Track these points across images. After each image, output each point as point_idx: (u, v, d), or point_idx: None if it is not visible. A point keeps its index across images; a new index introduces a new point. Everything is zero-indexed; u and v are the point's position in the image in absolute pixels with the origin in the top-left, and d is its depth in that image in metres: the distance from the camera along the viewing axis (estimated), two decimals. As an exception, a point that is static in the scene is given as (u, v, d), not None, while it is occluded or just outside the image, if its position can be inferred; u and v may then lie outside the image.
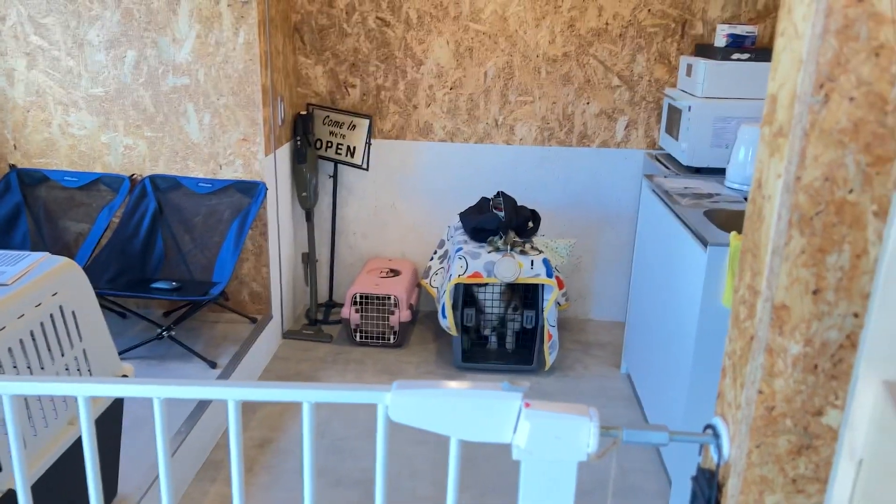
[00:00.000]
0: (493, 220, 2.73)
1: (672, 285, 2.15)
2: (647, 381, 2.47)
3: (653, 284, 2.43)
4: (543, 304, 2.66)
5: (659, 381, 2.29)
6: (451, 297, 2.67)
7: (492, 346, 2.88)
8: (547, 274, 2.61)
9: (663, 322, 2.25)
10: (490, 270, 2.62)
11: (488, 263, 2.63)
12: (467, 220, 2.84)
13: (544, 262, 2.62)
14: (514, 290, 2.80)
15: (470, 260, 2.65)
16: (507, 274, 2.59)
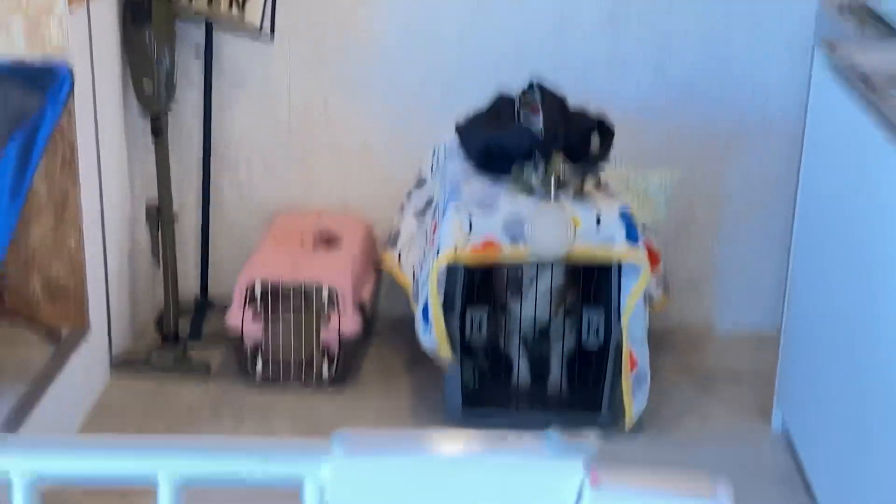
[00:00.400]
0: (521, 135, 2.75)
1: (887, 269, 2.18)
2: (825, 446, 2.52)
3: (841, 266, 2.46)
4: (622, 299, 2.68)
5: (852, 449, 2.34)
6: (439, 288, 2.69)
7: (520, 380, 2.92)
8: (629, 238, 2.63)
9: (866, 337, 2.29)
10: (517, 234, 2.63)
11: (513, 220, 2.64)
12: (472, 137, 2.86)
13: (623, 215, 2.64)
14: (565, 275, 2.81)
15: (477, 214, 2.65)
16: (551, 241, 2.61)
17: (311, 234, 3.16)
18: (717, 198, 3.30)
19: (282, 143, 3.30)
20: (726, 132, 3.23)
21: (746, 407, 2.99)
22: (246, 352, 2.96)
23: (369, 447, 0.85)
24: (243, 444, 0.90)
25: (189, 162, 3.30)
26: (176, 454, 0.85)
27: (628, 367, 2.70)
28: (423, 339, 2.78)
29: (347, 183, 3.33)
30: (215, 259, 3.37)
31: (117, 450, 0.89)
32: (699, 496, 0.82)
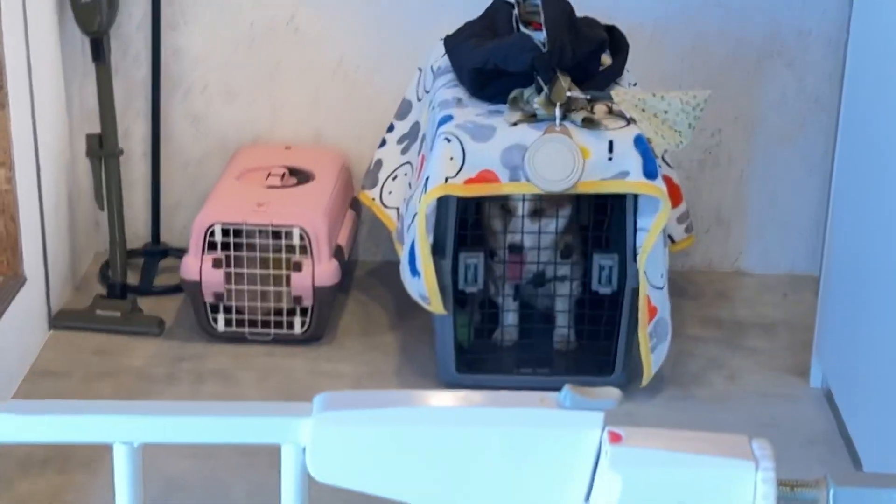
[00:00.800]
0: (520, 50, 2.73)
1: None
2: (870, 403, 2.54)
3: (891, 199, 2.47)
4: (637, 239, 2.69)
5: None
6: (428, 227, 2.69)
7: (506, 337, 2.94)
8: (646, 171, 2.64)
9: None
10: (517, 165, 2.64)
11: (512, 149, 2.64)
12: (464, 54, 2.85)
13: (638, 143, 2.64)
14: (572, 210, 2.83)
15: (471, 143, 2.66)
16: (556, 172, 2.61)
17: (279, 170, 3.15)
18: (747, 122, 3.30)
19: (243, 63, 3.28)
20: (757, 45, 3.23)
21: (781, 361, 3.00)
22: (205, 304, 2.96)
23: (348, 407, 0.86)
24: (216, 406, 0.92)
25: (136, 88, 3.29)
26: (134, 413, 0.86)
27: (646, 316, 2.70)
28: (409, 287, 2.79)
29: (319, 110, 3.32)
30: (168, 199, 3.37)
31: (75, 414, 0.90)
32: (734, 456, 0.83)
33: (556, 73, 2.68)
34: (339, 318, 3.14)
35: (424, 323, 3.04)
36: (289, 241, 2.92)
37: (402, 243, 2.87)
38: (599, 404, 0.84)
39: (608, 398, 0.84)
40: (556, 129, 2.62)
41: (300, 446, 0.87)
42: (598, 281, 2.77)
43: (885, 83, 2.49)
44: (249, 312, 2.99)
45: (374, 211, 3.13)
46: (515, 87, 2.71)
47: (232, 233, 2.92)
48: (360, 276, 3.37)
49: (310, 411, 0.87)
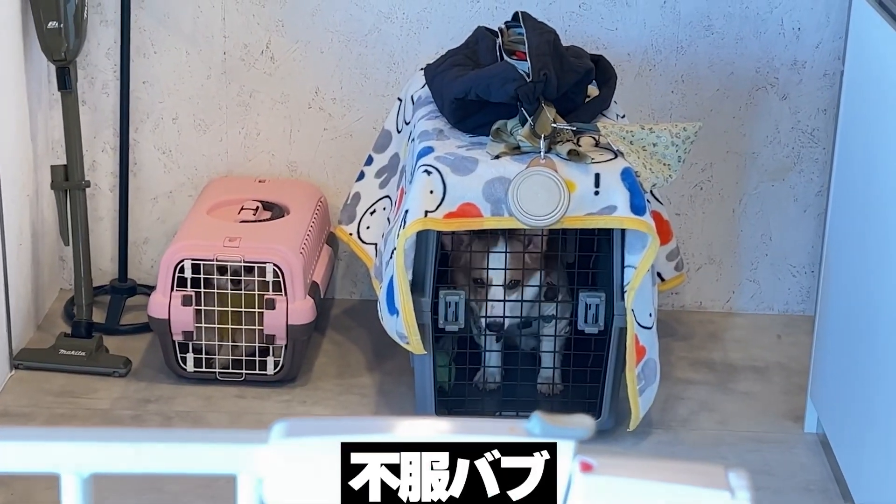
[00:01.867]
0: (504, 78, 2.73)
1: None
2: (868, 450, 2.54)
3: (889, 238, 2.47)
4: (625, 277, 2.70)
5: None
6: (407, 263, 2.69)
7: (487, 378, 2.94)
8: (633, 206, 2.65)
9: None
10: (499, 199, 2.64)
11: (495, 182, 2.65)
12: (445, 83, 2.85)
13: (626, 177, 2.65)
14: (556, 247, 2.83)
15: (451, 175, 2.66)
16: (540, 207, 2.62)
17: (252, 203, 3.16)
18: (739, 156, 3.31)
19: (215, 94, 3.29)
20: (750, 77, 3.24)
21: (775, 405, 3.01)
22: (174, 344, 2.96)
23: (305, 433, 0.85)
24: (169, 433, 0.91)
25: (103, 118, 3.30)
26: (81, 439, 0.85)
27: (633, 357, 2.70)
28: (387, 325, 2.79)
29: (295, 142, 3.33)
30: (136, 234, 3.37)
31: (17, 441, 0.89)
32: (710, 486, 0.83)
33: (540, 104, 2.69)
34: (314, 359, 3.14)
35: (403, 364, 3.04)
36: (262, 277, 2.92)
37: (380, 280, 2.87)
38: (571, 433, 0.83)
39: (580, 427, 0.83)
40: (540, 161, 2.63)
41: (257, 476, 0.85)
42: (584, 320, 2.77)
43: (880, 117, 2.50)
44: (220, 352, 2.99)
45: (352, 247, 3.13)
46: (498, 118, 2.72)
47: (202, 269, 2.92)
48: (337, 314, 3.36)
49: (267, 439, 0.86)
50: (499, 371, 2.94)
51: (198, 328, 2.94)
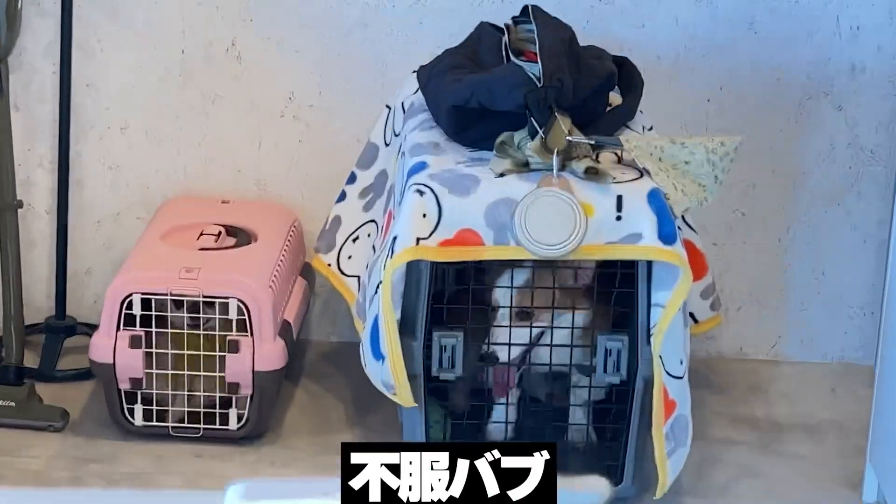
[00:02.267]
0: (511, 83, 2.73)
1: None
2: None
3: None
4: (652, 317, 2.68)
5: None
6: (395, 299, 2.68)
7: (501, 433, 2.91)
8: (662, 234, 2.64)
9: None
10: (504, 224, 2.63)
11: (499, 205, 2.64)
12: (441, 87, 2.85)
13: (653, 200, 2.64)
14: (570, 283, 2.79)
15: (448, 196, 2.66)
16: (552, 232, 2.61)
17: (213, 228, 3.14)
18: (787, 177, 3.30)
19: (172, 100, 3.29)
20: (800, 84, 3.23)
21: (828, 470, 2.98)
22: (119, 393, 2.94)
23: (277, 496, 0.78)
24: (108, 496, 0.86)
25: (40, 127, 3.29)
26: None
27: (661, 412, 2.68)
28: (372, 373, 2.77)
29: (264, 157, 3.32)
30: (77, 263, 3.36)
31: None
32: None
33: (553, 114, 2.67)
34: (286, 412, 3.12)
35: (390, 418, 3.02)
36: (224, 315, 2.91)
37: (363, 320, 2.86)
38: (585, 498, 0.77)
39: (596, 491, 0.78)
40: (552, 181, 2.62)
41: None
42: (604, 368, 2.75)
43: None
44: (174, 403, 2.97)
45: (330, 280, 3.11)
46: (503, 130, 2.71)
47: (154, 305, 2.91)
48: (312, 359, 3.36)
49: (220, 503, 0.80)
50: (508, 427, 2.89)
51: (148, 375, 2.93)
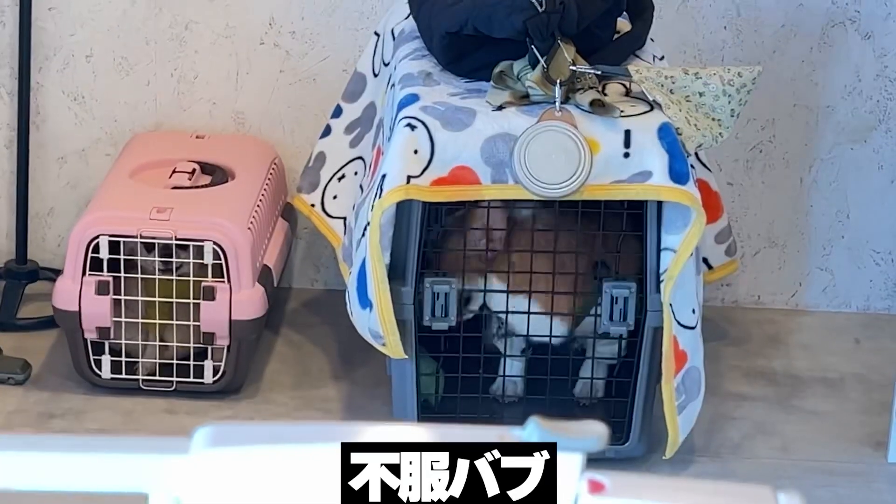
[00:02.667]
0: (510, 7, 2.72)
1: None
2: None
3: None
4: (662, 263, 2.70)
5: None
6: (384, 242, 2.69)
7: (511, 386, 2.96)
8: (673, 172, 2.65)
9: None
10: (502, 161, 2.64)
11: (497, 140, 2.65)
12: (435, 12, 2.85)
13: (664, 135, 2.65)
14: (574, 223, 2.82)
15: (442, 130, 2.67)
16: (554, 170, 2.62)
17: (187, 165, 3.14)
18: (809, 111, 3.30)
19: (140, 25, 3.27)
20: (823, 9, 3.23)
21: (851, 428, 2.99)
22: (85, 343, 2.95)
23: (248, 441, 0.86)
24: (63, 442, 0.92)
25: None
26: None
27: (672, 365, 2.70)
28: (358, 322, 2.78)
29: (242, 88, 3.32)
30: (39, 203, 3.35)
31: None
32: None
33: (556, 41, 2.67)
34: (265, 364, 3.13)
35: (378, 371, 3.04)
36: (199, 259, 2.91)
37: (349, 265, 2.86)
38: (577, 443, 0.83)
39: (589, 435, 0.83)
40: (555, 114, 2.63)
41: (174, 496, 0.85)
42: (610, 317, 2.77)
43: None
44: (144, 354, 2.98)
45: (314, 221, 3.12)
46: (502, 59, 2.72)
47: (123, 248, 2.90)
48: (294, 307, 3.35)
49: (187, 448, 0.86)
50: (522, 381, 2.94)
51: (117, 323, 2.93)
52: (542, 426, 0.85)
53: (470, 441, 0.86)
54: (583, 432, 0.85)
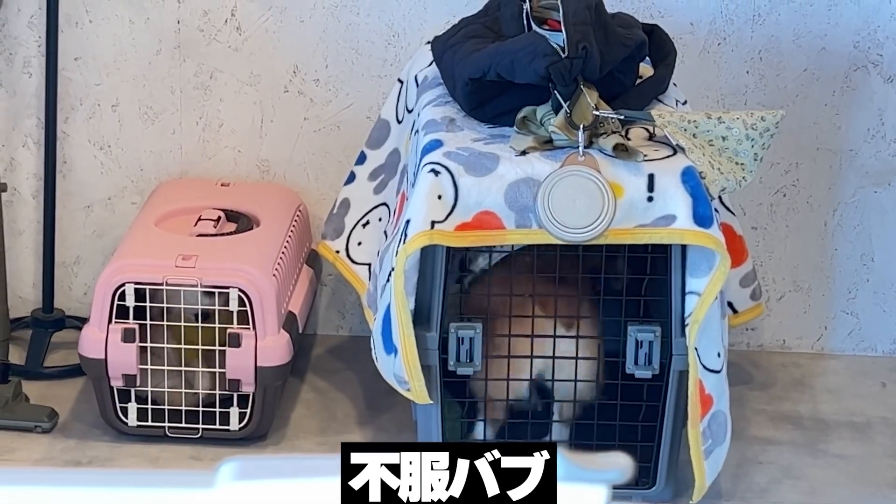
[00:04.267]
0: (533, 53, 2.72)
1: None
2: None
3: None
4: (687, 306, 2.70)
5: None
6: (408, 288, 2.69)
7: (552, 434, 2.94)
8: (697, 215, 2.65)
9: None
10: (526, 206, 2.64)
11: (520, 185, 2.65)
12: (458, 59, 2.86)
13: (687, 176, 2.65)
14: (598, 268, 2.82)
15: (465, 176, 2.67)
16: (578, 214, 2.62)
17: (212, 213, 3.15)
18: (833, 154, 3.29)
19: (166, 74, 3.29)
20: (846, 53, 3.23)
21: (877, 471, 2.98)
22: (112, 391, 2.95)
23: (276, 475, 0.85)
24: (89, 476, 0.91)
25: (24, 103, 3.29)
26: None
27: (698, 409, 2.69)
28: (383, 368, 2.78)
29: (267, 136, 3.32)
30: (65, 251, 3.36)
31: None
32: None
33: (579, 86, 2.68)
34: (290, 411, 3.13)
35: (403, 417, 3.04)
36: (224, 306, 2.91)
37: (374, 311, 2.86)
38: (603, 475, 0.82)
39: (614, 468, 0.82)
40: (578, 158, 2.63)
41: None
42: (634, 361, 2.77)
43: None
44: (171, 401, 2.97)
45: (339, 268, 3.12)
46: (525, 104, 2.73)
47: (148, 295, 2.91)
48: (319, 354, 3.36)
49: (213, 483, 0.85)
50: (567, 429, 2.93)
51: (143, 371, 2.93)
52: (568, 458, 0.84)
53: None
54: (608, 464, 0.85)
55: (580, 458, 0.85)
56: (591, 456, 0.87)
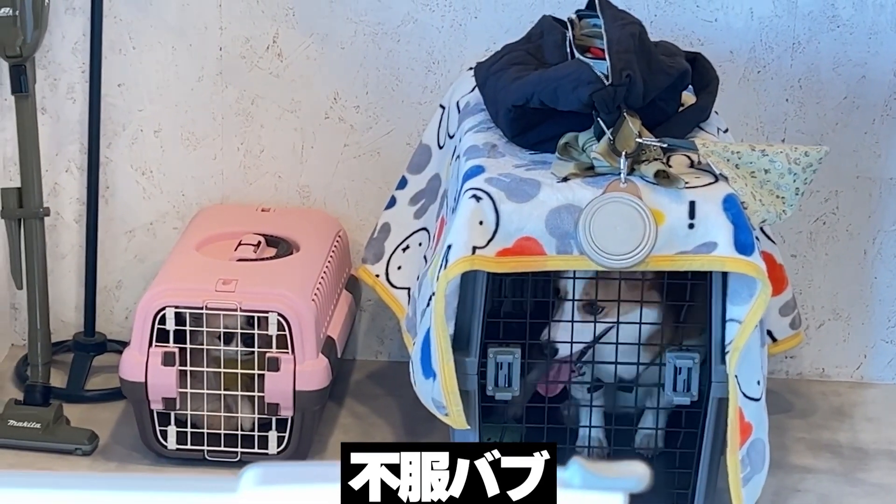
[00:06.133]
0: (576, 81, 2.73)
1: None
2: None
3: None
4: (727, 334, 2.69)
5: None
6: (448, 313, 2.69)
7: (582, 444, 2.94)
8: (738, 243, 2.64)
9: None
10: (567, 232, 2.64)
11: (562, 211, 2.65)
12: (500, 86, 2.86)
13: (729, 207, 2.65)
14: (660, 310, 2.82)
15: (507, 202, 2.67)
16: (619, 241, 2.62)
17: (252, 238, 3.16)
18: (873, 183, 3.29)
19: (208, 101, 3.30)
20: (886, 82, 3.22)
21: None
22: (151, 414, 2.96)
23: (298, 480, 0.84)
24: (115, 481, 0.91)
25: (68, 129, 3.31)
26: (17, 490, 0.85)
27: (737, 436, 2.68)
28: (422, 392, 2.78)
29: (307, 161, 3.34)
30: (106, 276, 3.38)
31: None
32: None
33: (621, 114, 2.69)
34: (329, 435, 3.13)
35: (441, 438, 3.02)
36: (263, 330, 2.92)
37: (413, 336, 2.86)
38: (619, 483, 0.81)
39: (631, 476, 0.82)
40: (620, 185, 2.63)
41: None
42: (674, 387, 2.76)
43: None
44: (210, 425, 2.98)
45: (378, 292, 3.12)
46: (567, 131, 2.73)
47: (189, 319, 2.91)
48: (358, 378, 3.36)
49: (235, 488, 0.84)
50: (603, 432, 2.94)
51: (182, 394, 2.94)
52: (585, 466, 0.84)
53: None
54: (625, 472, 0.84)
55: (597, 466, 0.84)
56: (607, 464, 0.86)
